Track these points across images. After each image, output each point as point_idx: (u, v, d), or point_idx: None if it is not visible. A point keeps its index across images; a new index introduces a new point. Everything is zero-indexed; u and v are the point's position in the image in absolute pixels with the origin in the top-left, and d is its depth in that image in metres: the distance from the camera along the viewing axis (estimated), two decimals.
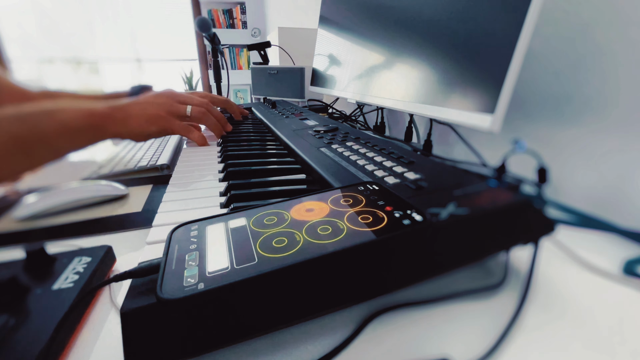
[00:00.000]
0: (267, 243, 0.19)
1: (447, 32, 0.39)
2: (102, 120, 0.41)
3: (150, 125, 0.46)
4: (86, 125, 0.40)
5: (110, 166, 0.58)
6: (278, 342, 0.20)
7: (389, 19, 0.52)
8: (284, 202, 0.24)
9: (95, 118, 0.40)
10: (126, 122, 0.44)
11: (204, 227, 0.22)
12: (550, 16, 0.41)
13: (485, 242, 0.22)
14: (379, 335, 0.21)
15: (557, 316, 0.22)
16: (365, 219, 0.20)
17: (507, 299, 0.24)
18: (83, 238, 0.35)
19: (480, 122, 0.32)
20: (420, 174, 0.29)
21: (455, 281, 0.25)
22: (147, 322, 0.16)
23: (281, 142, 0.54)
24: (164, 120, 0.47)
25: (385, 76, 0.52)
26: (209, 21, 1.09)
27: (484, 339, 0.20)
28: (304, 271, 0.17)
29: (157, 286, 0.16)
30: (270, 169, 0.42)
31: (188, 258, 0.18)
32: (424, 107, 0.41)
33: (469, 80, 0.35)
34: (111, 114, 0.42)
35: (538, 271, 0.27)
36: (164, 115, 0.47)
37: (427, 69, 0.42)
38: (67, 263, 0.27)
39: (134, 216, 0.39)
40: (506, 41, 0.30)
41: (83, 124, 0.40)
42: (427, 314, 0.22)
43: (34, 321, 0.21)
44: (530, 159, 0.37)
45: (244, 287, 0.16)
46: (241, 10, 2.96)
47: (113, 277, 0.19)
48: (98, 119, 0.41)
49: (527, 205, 0.23)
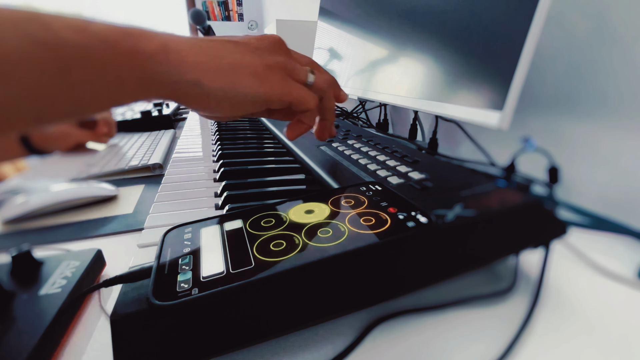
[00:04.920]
0: (264, 246, 0.19)
1: (454, 24, 0.39)
2: (157, 59, 0.22)
3: (258, 84, 0.26)
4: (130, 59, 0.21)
5: (100, 165, 0.58)
6: (275, 351, 0.20)
7: (393, 10, 0.52)
8: (282, 203, 0.24)
9: (142, 55, 0.21)
10: (206, 70, 0.24)
11: (198, 230, 0.22)
12: (562, 7, 0.41)
13: (493, 245, 0.22)
14: (381, 344, 0.21)
15: (569, 323, 0.22)
16: (368, 221, 0.20)
17: (516, 305, 0.24)
18: (71, 241, 0.35)
19: (488, 119, 0.32)
20: (425, 174, 0.29)
21: (462, 286, 0.25)
22: (138, 329, 0.16)
23: (279, 141, 0.54)
24: (283, 80, 0.28)
25: (388, 71, 0.52)
26: (204, 13, 1.09)
27: (492, 347, 0.20)
28: (303, 276, 0.17)
29: (148, 291, 0.16)
30: (268, 168, 0.42)
31: (181, 262, 0.18)
32: (430, 103, 0.41)
33: (476, 75, 0.35)
34: (166, 49, 0.22)
35: (549, 276, 0.27)
36: (278, 72, 0.28)
37: (432, 63, 0.42)
38: (54, 267, 0.27)
39: (125, 218, 0.39)
40: (516, 33, 0.30)
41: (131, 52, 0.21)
42: (433, 321, 0.22)
43: (20, 328, 0.21)
44: (540, 157, 0.37)
45: (240, 293, 0.16)
46: (237, 2, 2.96)
47: (103, 282, 0.19)
48: (147, 58, 0.22)
49: (537, 206, 0.23)
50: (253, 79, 0.26)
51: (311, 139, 0.46)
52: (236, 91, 0.25)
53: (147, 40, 0.22)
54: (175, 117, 0.99)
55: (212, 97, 0.24)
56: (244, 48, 0.27)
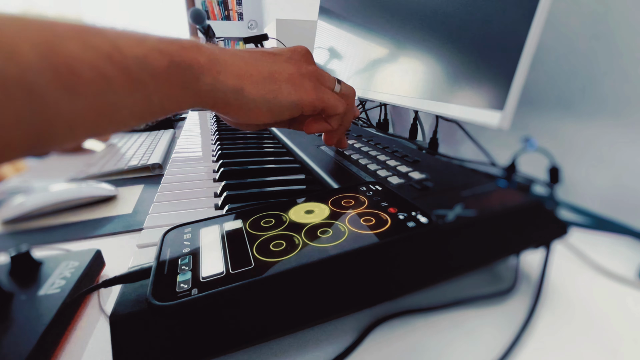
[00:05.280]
0: (264, 246, 0.19)
1: (454, 23, 0.39)
2: (198, 67, 0.23)
3: (295, 91, 0.28)
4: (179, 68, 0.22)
5: (99, 165, 0.58)
6: (275, 352, 0.20)
7: (393, 9, 0.52)
8: (282, 203, 0.24)
9: (197, 68, 0.23)
10: (249, 80, 0.25)
11: (198, 230, 0.22)
12: (563, 6, 0.41)
13: (494, 245, 0.22)
14: (381, 344, 0.21)
15: (570, 323, 0.22)
16: (368, 221, 0.20)
17: (517, 305, 0.24)
18: (71, 242, 0.35)
19: (489, 118, 0.32)
20: (426, 174, 0.29)
21: (463, 287, 0.25)
22: (138, 329, 0.16)
23: (279, 140, 0.54)
24: (316, 87, 0.29)
25: (388, 70, 0.52)
26: (203, 13, 1.09)
27: (493, 348, 0.20)
28: (303, 276, 0.17)
29: (148, 292, 0.16)
30: (268, 168, 0.43)
31: (181, 262, 0.18)
32: (430, 103, 0.41)
33: (477, 74, 0.35)
34: (214, 60, 0.24)
35: (550, 276, 0.27)
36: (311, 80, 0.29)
37: (433, 63, 0.42)
38: (53, 268, 0.27)
39: (124, 218, 0.39)
40: (517, 33, 0.30)
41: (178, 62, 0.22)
42: (433, 321, 0.22)
43: (18, 329, 0.21)
44: (541, 157, 0.37)
45: (240, 293, 0.16)
46: (237, 1, 2.96)
47: (102, 282, 0.19)
48: (200, 69, 0.23)
49: (538, 206, 0.23)
50: (290, 86, 0.28)
51: (311, 139, 0.46)
52: (276, 98, 0.27)
53: (199, 53, 0.23)
54: (175, 117, 0.99)
55: (253, 105, 0.26)
56: (280, 58, 0.29)
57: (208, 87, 0.24)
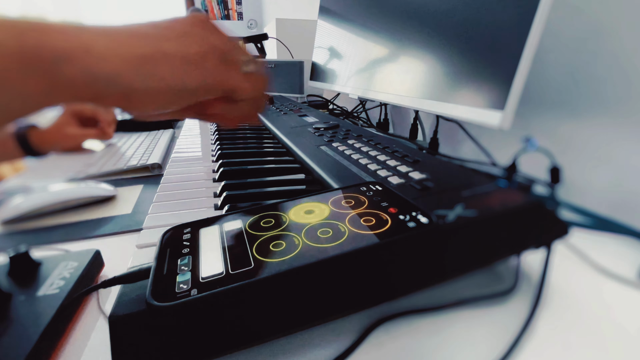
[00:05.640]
0: (264, 247, 0.19)
1: (455, 22, 0.39)
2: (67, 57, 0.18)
3: (185, 74, 0.22)
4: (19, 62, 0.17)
5: (98, 165, 0.58)
6: (275, 352, 0.20)
7: (393, 9, 0.52)
8: (282, 204, 0.24)
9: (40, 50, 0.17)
10: (126, 64, 0.20)
11: (197, 230, 0.22)
12: (564, 7, 0.41)
13: (494, 245, 0.22)
14: (382, 345, 0.21)
15: (571, 324, 0.22)
16: (368, 222, 0.20)
17: (518, 305, 0.24)
18: (70, 242, 0.34)
19: (490, 118, 0.32)
20: (426, 174, 0.29)
21: (464, 287, 0.25)
22: (137, 330, 0.16)
23: (279, 140, 0.54)
24: (218, 67, 0.24)
25: (389, 70, 0.52)
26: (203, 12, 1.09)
27: (494, 348, 0.20)
28: (303, 277, 0.17)
29: (147, 292, 0.16)
30: (268, 168, 0.42)
31: (180, 263, 0.18)
32: (430, 103, 0.41)
33: (477, 74, 0.35)
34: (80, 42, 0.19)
35: (551, 276, 0.27)
36: (214, 58, 0.24)
37: (433, 63, 0.42)
38: (52, 268, 0.27)
39: (124, 218, 0.39)
40: (517, 32, 0.30)
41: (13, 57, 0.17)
42: (434, 322, 0.22)
43: (18, 330, 0.21)
44: (542, 157, 0.37)
45: (240, 294, 0.16)
46: (237, 0, 2.96)
47: (101, 282, 0.19)
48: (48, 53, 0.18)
49: (539, 206, 0.23)
50: (185, 67, 0.22)
51: (311, 139, 0.46)
52: (165, 84, 0.21)
53: (60, 34, 0.18)
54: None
55: (135, 95, 0.21)
56: (172, 33, 0.23)
57: (73, 77, 0.18)
